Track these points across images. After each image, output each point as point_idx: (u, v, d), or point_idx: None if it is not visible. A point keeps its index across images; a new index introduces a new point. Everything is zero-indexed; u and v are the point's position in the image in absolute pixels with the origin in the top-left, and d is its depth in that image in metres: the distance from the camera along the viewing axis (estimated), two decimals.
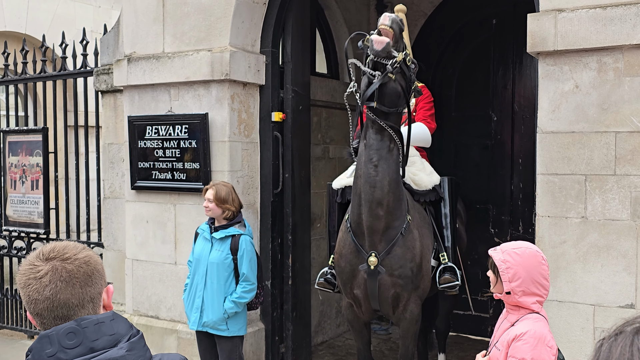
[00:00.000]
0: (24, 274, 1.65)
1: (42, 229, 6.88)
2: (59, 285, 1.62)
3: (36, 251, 1.71)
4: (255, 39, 5.51)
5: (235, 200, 4.60)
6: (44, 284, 1.62)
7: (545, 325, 2.79)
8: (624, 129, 3.84)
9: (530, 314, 2.78)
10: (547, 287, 2.80)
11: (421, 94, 4.97)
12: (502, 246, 2.87)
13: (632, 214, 3.83)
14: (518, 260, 2.76)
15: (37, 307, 1.63)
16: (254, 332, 5.50)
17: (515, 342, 2.71)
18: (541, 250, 4.04)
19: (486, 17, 6.94)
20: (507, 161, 6.90)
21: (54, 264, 1.64)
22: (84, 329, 1.58)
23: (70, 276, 1.64)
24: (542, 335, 2.71)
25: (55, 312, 1.62)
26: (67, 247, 1.70)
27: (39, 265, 1.64)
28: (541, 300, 2.80)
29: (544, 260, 2.81)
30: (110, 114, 6.27)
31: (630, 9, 3.77)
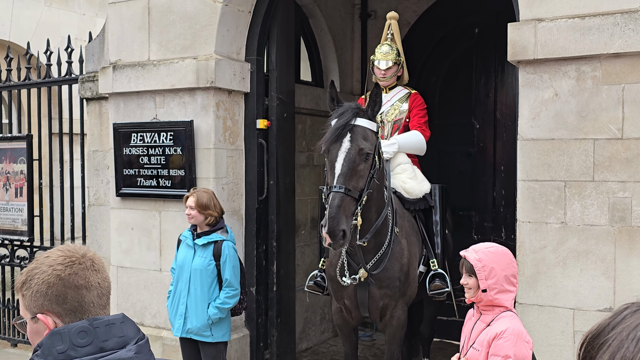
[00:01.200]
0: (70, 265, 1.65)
1: (26, 237, 6.86)
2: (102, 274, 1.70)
3: (59, 250, 1.70)
4: (241, 47, 5.56)
5: (217, 205, 4.63)
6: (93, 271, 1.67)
7: (520, 321, 2.91)
8: (602, 136, 3.93)
9: (505, 312, 2.88)
10: (516, 284, 2.93)
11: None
12: (473, 247, 2.96)
13: (610, 219, 3.91)
14: (492, 259, 2.86)
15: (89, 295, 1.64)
16: (238, 338, 5.52)
17: (496, 341, 2.78)
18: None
19: (469, 26, 7.03)
20: (489, 168, 6.99)
21: (91, 256, 1.70)
22: (95, 329, 1.59)
23: (103, 267, 1.73)
24: (520, 331, 2.82)
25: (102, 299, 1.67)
26: (82, 246, 1.76)
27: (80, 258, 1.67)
28: (513, 297, 2.92)
29: (513, 259, 2.95)
30: (95, 121, 6.28)
31: (607, 19, 3.86)
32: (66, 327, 1.58)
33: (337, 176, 3.87)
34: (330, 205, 3.78)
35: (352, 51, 7.64)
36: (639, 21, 3.77)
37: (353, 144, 3.94)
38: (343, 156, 3.91)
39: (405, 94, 5.22)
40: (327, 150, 3.97)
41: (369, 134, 4.06)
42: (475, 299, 2.91)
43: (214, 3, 5.31)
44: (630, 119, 3.85)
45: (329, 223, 3.74)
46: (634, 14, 3.79)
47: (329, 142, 3.95)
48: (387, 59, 5.10)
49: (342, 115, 4.02)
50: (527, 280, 4.13)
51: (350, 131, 3.96)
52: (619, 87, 3.88)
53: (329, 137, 3.96)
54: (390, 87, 5.24)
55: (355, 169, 3.94)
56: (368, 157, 4.02)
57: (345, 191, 3.84)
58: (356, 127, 4.00)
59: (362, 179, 3.98)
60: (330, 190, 3.86)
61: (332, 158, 3.95)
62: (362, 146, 3.96)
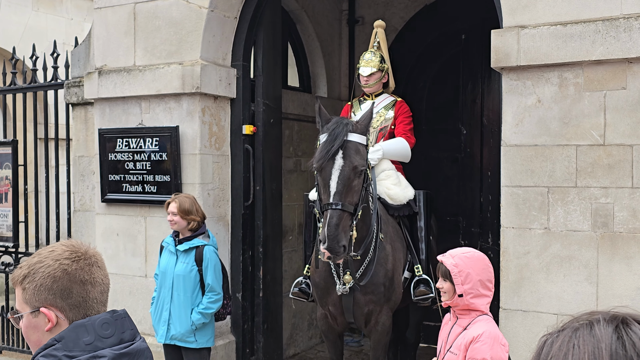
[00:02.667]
0: (76, 261, 1.66)
1: (11, 242, 6.82)
2: (104, 271, 1.73)
3: (63, 245, 1.72)
4: (227, 53, 5.55)
5: (199, 210, 4.62)
6: (98, 267, 1.70)
7: (495, 325, 2.94)
8: (584, 143, 3.95)
9: (481, 316, 2.90)
10: (492, 289, 2.94)
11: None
12: (450, 252, 2.99)
13: (592, 225, 3.93)
14: (468, 264, 2.88)
15: (94, 290, 1.66)
16: (224, 344, 5.50)
17: (473, 344, 2.79)
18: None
19: (455, 32, 7.06)
20: (476, 174, 7.01)
21: (93, 252, 1.73)
22: (116, 321, 1.65)
23: (104, 264, 1.75)
24: (497, 334, 2.85)
25: (104, 295, 1.70)
26: (81, 242, 1.78)
27: (85, 254, 1.69)
28: (489, 301, 2.92)
29: (489, 263, 2.95)
30: (81, 126, 6.26)
31: (589, 26, 3.89)
32: (90, 319, 1.63)
33: (332, 194, 3.91)
34: (329, 223, 3.83)
35: (340, 57, 7.65)
36: (620, 29, 3.80)
37: (346, 160, 3.98)
38: (337, 174, 3.95)
39: (391, 101, 5.23)
40: (321, 168, 3.98)
41: (360, 148, 4.10)
42: (451, 303, 2.93)
43: (200, 9, 5.31)
44: (612, 125, 3.88)
45: (329, 242, 3.80)
46: (614, 22, 3.82)
47: (323, 159, 3.95)
48: (369, 66, 5.12)
49: (334, 131, 4.02)
50: (511, 285, 4.14)
51: (343, 147, 3.98)
52: (601, 94, 3.91)
53: (322, 154, 3.96)
54: (376, 95, 5.25)
55: (349, 185, 3.99)
56: (361, 173, 4.08)
57: (342, 207, 3.90)
58: (348, 142, 4.02)
59: (357, 193, 4.04)
60: (327, 207, 3.91)
61: (325, 175, 3.97)
62: (355, 163, 4.01)
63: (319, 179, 4.05)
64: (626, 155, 3.84)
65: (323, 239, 3.83)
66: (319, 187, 4.08)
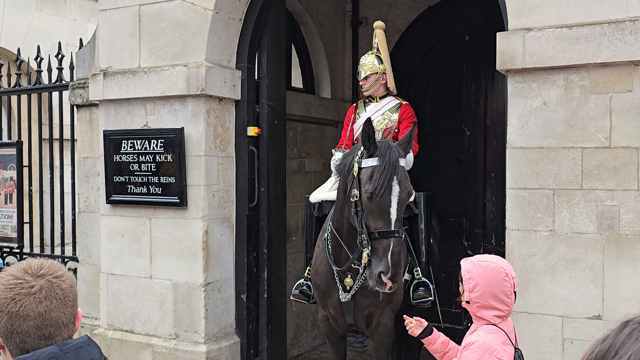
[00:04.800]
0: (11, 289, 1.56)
1: (16, 243, 6.84)
2: (54, 303, 1.57)
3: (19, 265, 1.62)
4: (231, 55, 5.56)
5: None
6: (39, 300, 1.55)
7: (499, 338, 2.80)
8: (590, 145, 3.96)
9: (486, 325, 2.84)
10: (509, 304, 2.82)
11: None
12: (473, 257, 2.93)
13: (598, 227, 3.94)
14: (481, 273, 2.82)
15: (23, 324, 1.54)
16: (229, 345, 5.52)
17: (464, 351, 2.79)
18: (511, 262, 4.15)
19: (459, 34, 7.07)
20: (480, 175, 7.01)
21: (49, 280, 1.58)
22: (65, 354, 1.53)
23: (64, 294, 1.60)
24: (490, 346, 2.74)
25: (44, 330, 1.56)
26: (55, 264, 1.65)
27: (30, 281, 1.56)
28: (500, 315, 2.82)
29: (507, 277, 2.82)
30: (85, 127, 6.27)
31: (595, 29, 3.89)
32: (34, 354, 1.52)
33: (394, 221, 3.88)
34: (393, 252, 3.79)
35: (344, 58, 7.66)
36: (625, 31, 3.81)
37: (402, 187, 3.95)
38: (396, 200, 3.91)
39: (396, 104, 5.23)
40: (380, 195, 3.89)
41: (406, 173, 4.11)
42: (464, 306, 2.93)
43: (205, 11, 5.32)
44: (618, 128, 3.89)
45: (394, 271, 3.78)
46: (620, 24, 3.82)
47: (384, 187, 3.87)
48: (364, 70, 5.13)
49: (385, 156, 3.95)
50: None
51: (397, 173, 3.94)
52: (607, 96, 3.92)
53: (381, 182, 3.87)
54: (381, 97, 5.25)
55: (403, 210, 4.02)
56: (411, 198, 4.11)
57: (401, 235, 3.92)
58: (400, 168, 3.99)
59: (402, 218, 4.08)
60: (388, 235, 3.84)
61: (384, 203, 3.89)
62: (409, 189, 4.02)
63: (370, 206, 3.92)
64: (632, 158, 3.85)
65: (386, 269, 3.77)
66: (366, 213, 3.94)
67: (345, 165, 4.22)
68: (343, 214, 4.28)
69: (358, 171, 4.03)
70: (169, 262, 5.50)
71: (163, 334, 5.55)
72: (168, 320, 5.52)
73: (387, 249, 3.81)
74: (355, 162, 4.08)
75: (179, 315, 5.46)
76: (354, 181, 4.05)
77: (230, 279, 5.60)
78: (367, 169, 3.99)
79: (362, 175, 4.00)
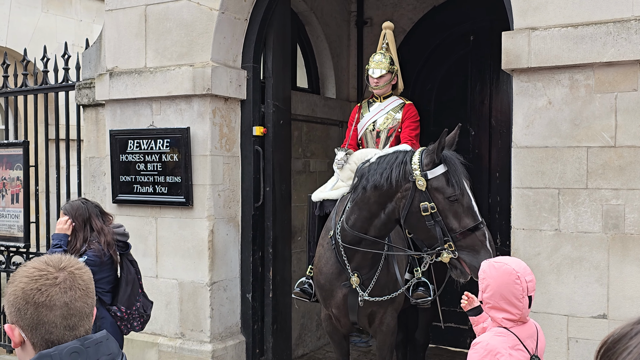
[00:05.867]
0: (36, 280, 1.58)
1: (22, 243, 6.86)
2: (78, 293, 1.60)
3: (39, 260, 1.65)
4: (237, 55, 5.58)
5: None
6: (64, 290, 1.58)
7: (508, 342, 2.76)
8: (595, 144, 3.96)
9: (496, 328, 2.82)
10: (520, 308, 2.78)
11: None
12: (495, 258, 2.93)
13: (603, 226, 3.94)
14: (493, 274, 2.80)
15: (50, 314, 1.56)
16: (234, 344, 5.53)
17: (470, 350, 2.79)
18: None
19: (464, 34, 7.07)
20: (484, 175, 7.01)
21: (71, 270, 1.62)
22: (87, 349, 1.56)
23: (85, 285, 1.64)
24: (494, 348, 2.71)
25: (69, 320, 1.58)
26: (72, 259, 1.68)
27: (54, 272, 1.60)
28: (511, 318, 2.79)
29: (519, 280, 2.77)
30: (91, 127, 6.29)
31: (600, 28, 3.90)
32: (57, 349, 1.54)
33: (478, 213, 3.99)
34: (489, 239, 3.90)
35: (348, 58, 7.67)
36: (631, 30, 3.81)
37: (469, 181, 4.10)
38: (471, 193, 4.04)
39: (400, 104, 5.25)
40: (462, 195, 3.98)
41: None
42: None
43: (211, 11, 5.34)
44: (623, 127, 3.89)
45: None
46: (626, 23, 3.83)
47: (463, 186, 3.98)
48: (380, 68, 5.14)
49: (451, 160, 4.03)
50: None
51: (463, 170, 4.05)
52: (612, 96, 3.92)
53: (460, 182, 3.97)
54: (385, 97, 5.26)
55: None
56: None
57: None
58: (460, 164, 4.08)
59: None
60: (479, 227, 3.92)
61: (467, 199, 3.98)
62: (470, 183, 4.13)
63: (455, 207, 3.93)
64: (637, 157, 3.85)
65: (490, 257, 3.73)
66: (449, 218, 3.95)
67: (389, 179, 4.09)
68: (372, 223, 4.26)
69: (426, 184, 3.97)
70: (175, 261, 5.52)
71: (169, 333, 5.57)
72: (174, 319, 5.54)
73: (484, 239, 3.87)
74: (419, 177, 3.97)
75: (184, 315, 5.48)
76: (420, 195, 3.97)
77: (236, 279, 5.62)
78: (438, 177, 3.96)
79: (436, 184, 3.95)
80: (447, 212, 3.94)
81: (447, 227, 3.93)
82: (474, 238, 3.89)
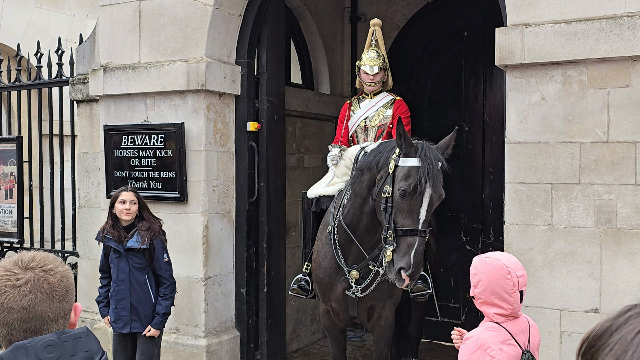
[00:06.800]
0: None
1: (16, 238, 6.86)
2: (39, 297, 1.56)
3: (12, 258, 1.63)
4: (231, 50, 5.59)
5: None
6: (23, 293, 1.55)
7: (499, 336, 2.76)
8: (588, 140, 3.99)
9: (488, 323, 2.82)
10: (511, 303, 2.78)
11: None
12: (486, 254, 2.92)
13: (596, 221, 3.97)
14: (484, 269, 2.80)
15: (8, 316, 1.55)
16: (229, 339, 5.55)
17: (462, 344, 2.81)
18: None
19: (457, 30, 7.09)
20: (478, 170, 7.04)
21: (36, 273, 1.58)
22: (63, 343, 1.54)
23: (51, 289, 1.58)
24: (485, 343, 2.72)
25: (28, 324, 1.55)
26: (48, 258, 1.64)
27: (18, 273, 1.57)
28: (502, 313, 2.79)
29: (510, 275, 2.77)
30: (85, 123, 6.29)
31: (593, 25, 3.92)
32: (32, 341, 1.52)
33: (422, 221, 3.91)
34: (416, 251, 3.84)
35: (342, 54, 7.68)
36: (624, 27, 3.84)
37: (436, 189, 3.96)
38: (427, 202, 3.93)
39: (390, 100, 5.26)
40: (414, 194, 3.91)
41: (441, 177, 4.09)
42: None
43: (205, 6, 5.34)
44: (616, 123, 3.92)
45: (414, 269, 3.82)
46: (618, 20, 3.85)
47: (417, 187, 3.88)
48: (376, 64, 5.15)
49: (427, 158, 3.96)
50: None
51: (434, 176, 3.95)
52: (605, 92, 3.95)
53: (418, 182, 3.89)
54: (375, 93, 5.28)
55: (431, 212, 4.04)
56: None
57: (427, 235, 3.96)
58: (438, 171, 3.99)
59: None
60: (413, 234, 3.88)
61: (415, 203, 3.92)
62: (441, 192, 4.01)
63: (402, 204, 3.94)
64: (629, 153, 3.89)
65: (407, 266, 3.81)
66: (396, 210, 3.97)
67: (377, 163, 4.18)
68: (363, 210, 4.29)
69: (394, 169, 4.03)
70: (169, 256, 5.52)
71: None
72: None
73: (411, 247, 3.85)
74: (392, 160, 4.06)
75: (179, 309, 5.49)
76: (387, 178, 4.04)
77: (230, 274, 5.63)
78: (404, 167, 3.98)
79: (398, 173, 3.99)
80: (396, 204, 3.99)
81: (393, 219, 3.98)
82: (403, 241, 3.90)
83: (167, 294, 4.70)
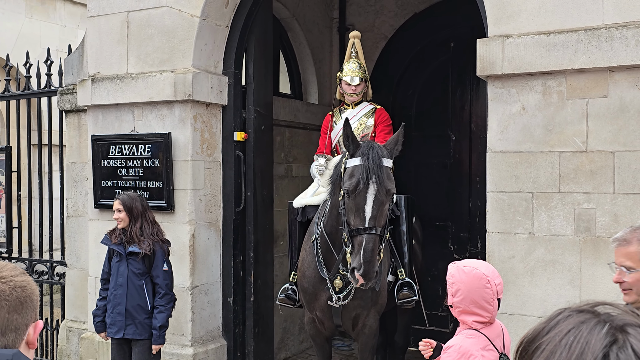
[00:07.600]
0: None
1: (4, 248, 6.86)
2: None
3: None
4: (218, 61, 5.63)
5: None
6: None
7: (479, 343, 2.80)
8: (567, 149, 4.05)
9: (467, 330, 2.85)
10: (490, 311, 2.81)
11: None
12: (460, 261, 2.94)
13: (575, 229, 4.02)
14: (463, 279, 2.82)
15: None
16: (215, 348, 5.56)
17: (443, 353, 2.84)
18: (492, 265, 4.22)
19: (445, 40, 7.16)
20: (465, 180, 7.09)
21: None
22: None
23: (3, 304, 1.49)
24: (467, 351, 2.75)
25: None
26: (5, 266, 1.56)
27: None
28: (481, 320, 2.82)
29: (489, 284, 2.79)
30: (74, 133, 6.32)
31: (572, 36, 3.99)
32: None
33: (368, 219, 3.93)
34: (365, 249, 3.86)
35: (331, 64, 7.74)
36: (601, 38, 3.90)
37: (381, 186, 3.99)
38: (372, 198, 3.96)
39: (371, 109, 5.31)
40: (356, 193, 3.97)
41: (390, 173, 4.14)
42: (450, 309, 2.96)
43: (192, 17, 5.39)
44: (594, 132, 3.98)
45: (366, 267, 3.83)
46: (596, 31, 3.92)
47: (361, 184, 3.93)
48: (357, 75, 5.21)
49: (367, 155, 4.01)
50: None
51: (376, 172, 3.99)
52: (583, 102, 4.01)
53: (359, 179, 3.94)
54: (357, 103, 5.33)
55: (382, 209, 4.03)
56: (392, 197, 4.15)
57: (376, 232, 3.94)
58: (382, 167, 4.03)
59: (386, 217, 4.10)
60: (361, 232, 3.91)
61: (360, 200, 3.96)
62: (389, 187, 4.03)
63: (349, 203, 4.00)
64: (608, 162, 3.94)
65: (358, 265, 3.84)
66: (347, 210, 4.04)
67: (337, 170, 4.30)
68: (339, 220, 4.32)
69: (344, 171, 4.13)
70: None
71: None
72: None
73: (360, 246, 3.90)
74: (342, 162, 4.19)
75: None
76: (341, 181, 4.14)
77: (217, 283, 5.66)
78: (349, 167, 4.09)
79: (345, 174, 4.11)
80: (346, 204, 4.06)
81: (346, 219, 4.05)
82: (355, 241, 3.96)
83: (162, 305, 4.69)
